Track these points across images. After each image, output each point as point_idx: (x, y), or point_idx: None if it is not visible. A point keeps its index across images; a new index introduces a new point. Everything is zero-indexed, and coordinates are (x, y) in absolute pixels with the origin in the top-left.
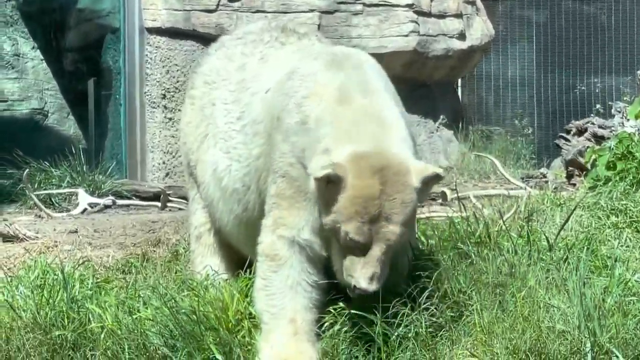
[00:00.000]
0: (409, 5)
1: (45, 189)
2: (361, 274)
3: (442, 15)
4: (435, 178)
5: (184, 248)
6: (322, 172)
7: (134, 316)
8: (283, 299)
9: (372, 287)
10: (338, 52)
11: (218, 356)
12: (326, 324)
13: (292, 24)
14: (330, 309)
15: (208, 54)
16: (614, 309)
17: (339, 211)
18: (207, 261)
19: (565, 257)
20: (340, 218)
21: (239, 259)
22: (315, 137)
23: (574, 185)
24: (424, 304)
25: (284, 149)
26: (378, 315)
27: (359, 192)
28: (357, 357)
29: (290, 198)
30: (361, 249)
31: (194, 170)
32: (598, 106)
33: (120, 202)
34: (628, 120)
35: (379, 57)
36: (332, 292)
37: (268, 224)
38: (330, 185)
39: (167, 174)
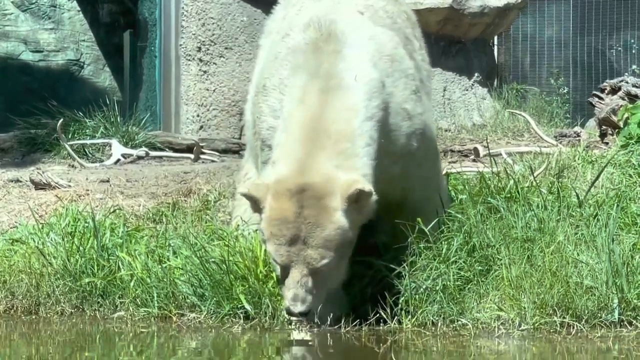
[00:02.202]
0: None
1: (79, 139)
2: (286, 295)
3: None
4: (362, 194)
5: (214, 197)
6: (241, 190)
7: (164, 265)
8: None
9: (297, 308)
10: (325, 28)
11: (247, 306)
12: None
13: None
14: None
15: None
16: None
17: (262, 230)
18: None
19: (594, 213)
20: (263, 237)
21: None
22: (279, 137)
23: (607, 143)
24: (453, 257)
25: (271, 122)
26: (407, 268)
27: (274, 214)
28: (384, 309)
29: None
30: (285, 270)
31: None
32: (634, 67)
33: (153, 153)
34: None
35: (414, 14)
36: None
37: None
38: (255, 205)
39: (201, 127)
